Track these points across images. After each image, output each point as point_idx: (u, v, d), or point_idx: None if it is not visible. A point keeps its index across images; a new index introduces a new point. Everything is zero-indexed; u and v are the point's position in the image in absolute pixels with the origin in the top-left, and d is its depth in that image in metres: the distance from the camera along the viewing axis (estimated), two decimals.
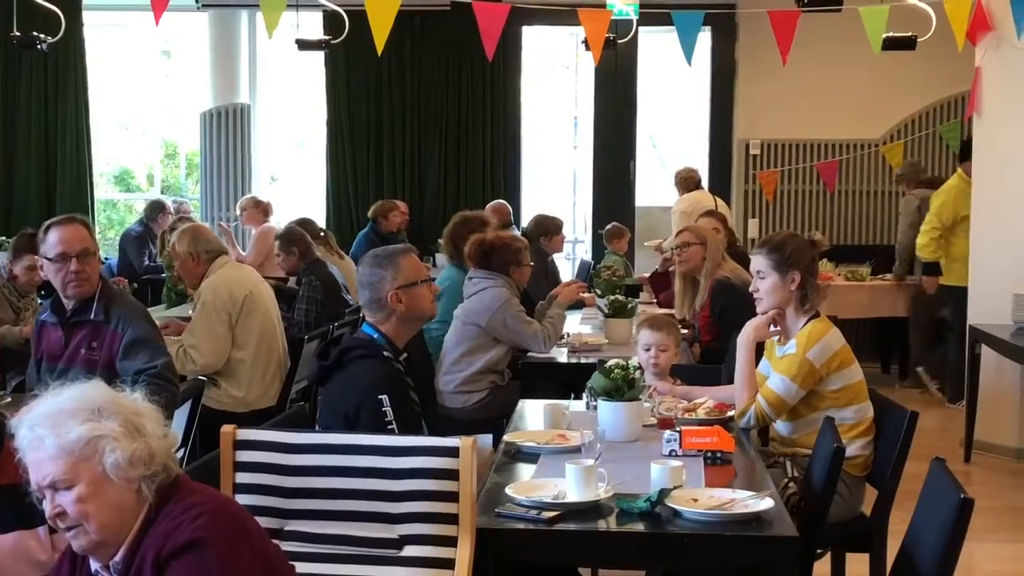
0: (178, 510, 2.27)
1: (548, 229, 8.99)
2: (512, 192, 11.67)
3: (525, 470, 3.63)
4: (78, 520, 2.27)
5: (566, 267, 12.08)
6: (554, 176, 13.14)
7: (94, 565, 2.36)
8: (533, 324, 5.91)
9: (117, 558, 2.30)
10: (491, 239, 6.07)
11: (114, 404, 2.33)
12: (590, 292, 8.37)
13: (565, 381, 5.52)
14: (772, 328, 4.31)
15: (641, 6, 8.40)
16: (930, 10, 8.09)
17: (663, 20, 8.11)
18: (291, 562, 2.56)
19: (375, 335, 3.83)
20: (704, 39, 11.06)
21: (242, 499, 2.93)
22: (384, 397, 3.55)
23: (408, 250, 4.01)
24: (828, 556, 4.17)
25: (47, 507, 2.30)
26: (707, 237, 6.58)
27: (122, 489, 2.28)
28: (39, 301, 6.79)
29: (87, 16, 11.89)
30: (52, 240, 4.46)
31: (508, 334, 5.87)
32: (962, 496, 2.80)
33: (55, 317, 4.57)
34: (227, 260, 5.95)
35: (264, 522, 2.83)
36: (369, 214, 10.61)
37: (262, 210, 10.36)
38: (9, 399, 4.52)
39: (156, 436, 2.33)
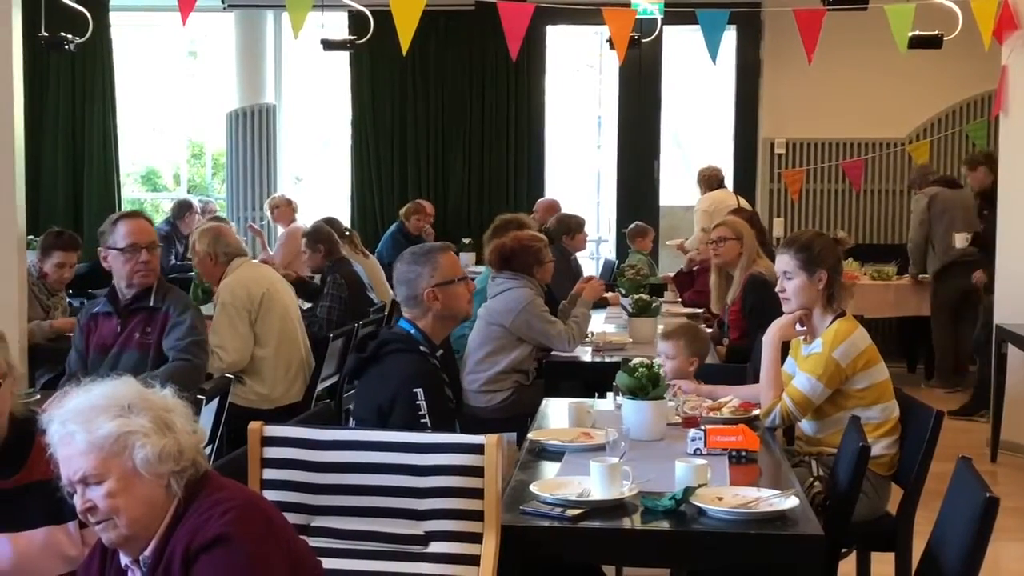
0: (207, 505, 2.29)
1: (570, 227, 8.98)
2: (536, 191, 11.67)
3: (550, 468, 3.64)
4: (108, 514, 2.30)
5: (590, 266, 12.07)
6: (578, 175, 13.14)
7: (124, 560, 2.39)
8: (557, 324, 5.91)
9: (147, 552, 2.33)
10: (510, 244, 6.08)
11: (144, 401, 2.36)
12: (614, 291, 8.37)
13: (589, 380, 5.53)
14: (798, 327, 4.30)
15: (666, 4, 8.37)
16: (956, 8, 8.06)
17: (688, 19, 8.10)
18: (318, 558, 2.57)
19: (412, 330, 3.85)
20: (729, 38, 11.04)
21: (269, 495, 2.96)
22: (419, 391, 3.58)
23: (447, 248, 4.03)
24: (853, 555, 4.16)
25: (78, 502, 2.33)
26: (743, 232, 6.54)
27: (151, 484, 2.30)
28: (67, 300, 6.83)
29: (114, 17, 11.95)
30: (123, 231, 4.67)
31: (532, 334, 5.88)
32: (988, 495, 2.79)
33: (110, 307, 4.72)
34: (244, 261, 5.98)
35: (291, 518, 2.85)
36: (401, 213, 10.63)
37: (292, 209, 10.42)
38: (38, 396, 4.55)
39: (185, 432, 2.36)
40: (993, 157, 8.48)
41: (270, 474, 3.06)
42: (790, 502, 3.12)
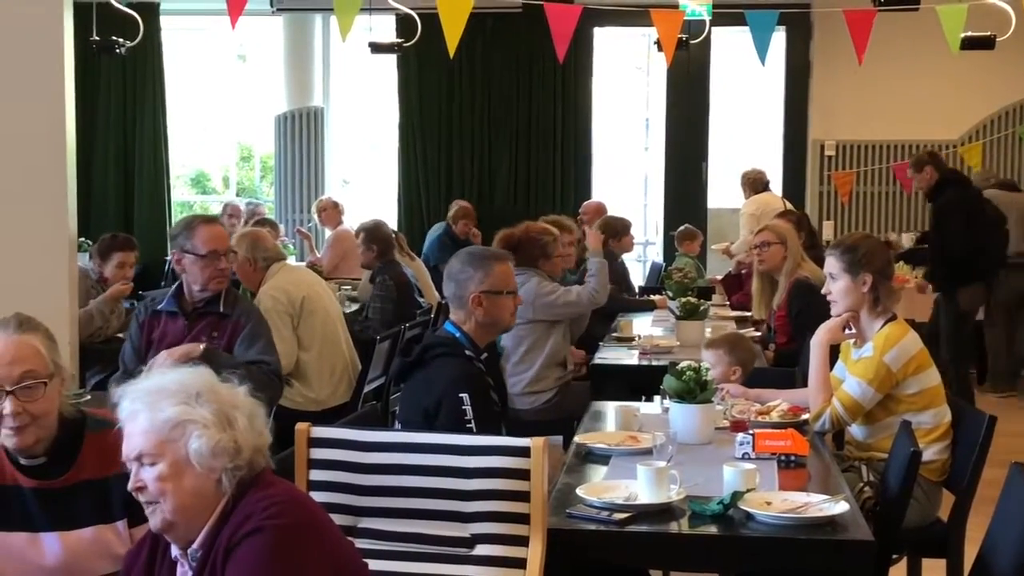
0: (253, 500, 2.30)
1: (617, 230, 8.94)
2: (583, 194, 11.65)
3: (596, 471, 3.62)
4: (156, 497, 2.32)
5: (637, 269, 12.04)
6: (625, 178, 13.10)
7: (174, 551, 2.40)
8: (572, 289, 6.00)
9: (195, 546, 2.34)
10: (519, 233, 6.07)
11: (212, 392, 2.37)
12: (661, 294, 8.34)
13: (635, 383, 5.50)
14: (846, 331, 4.26)
15: (714, 6, 8.36)
16: (1009, 9, 7.97)
17: (737, 20, 8.06)
18: (364, 559, 2.57)
19: (457, 334, 3.84)
20: (778, 39, 10.97)
21: (316, 496, 2.96)
22: (465, 395, 3.57)
23: (505, 258, 4.01)
24: (904, 561, 4.12)
25: (131, 479, 2.36)
26: (787, 236, 6.49)
27: (202, 476, 2.31)
28: (124, 304, 6.88)
29: (164, 21, 12.08)
30: (204, 237, 4.72)
31: (557, 312, 5.91)
32: None
33: (176, 307, 4.77)
34: (282, 265, 6.01)
35: (338, 519, 2.85)
36: (448, 216, 10.62)
37: (340, 211, 10.46)
38: (89, 396, 4.59)
39: (248, 431, 2.36)
40: (938, 156, 8.60)
41: (317, 475, 3.07)
42: (840, 507, 3.09)
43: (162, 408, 2.32)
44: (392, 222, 10.94)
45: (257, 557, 2.23)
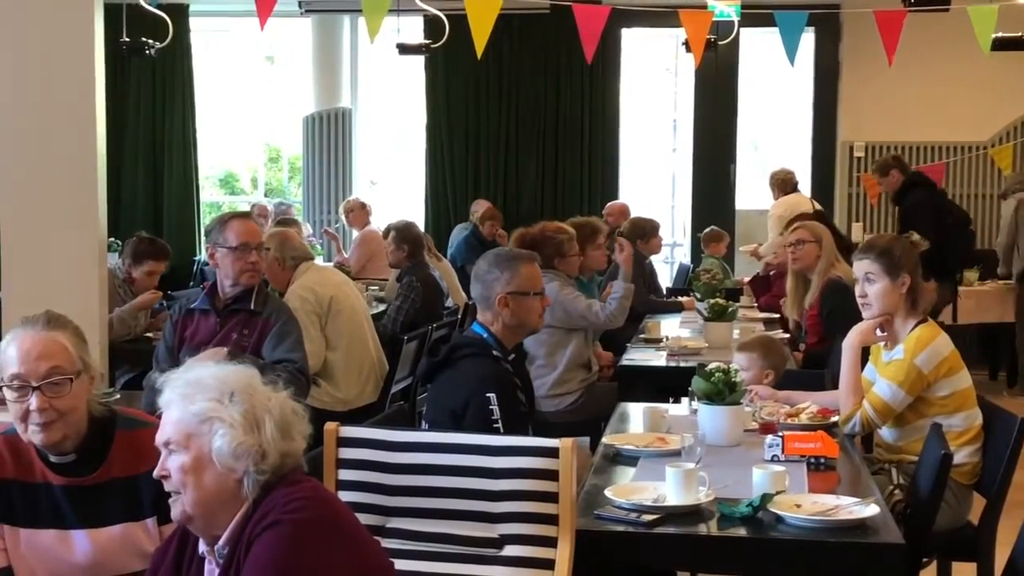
0: (276, 497, 2.30)
1: (645, 231, 8.92)
2: (610, 195, 11.63)
3: (624, 473, 3.61)
4: (177, 487, 2.34)
5: (665, 271, 12.01)
6: (652, 179, 13.07)
7: (201, 547, 2.41)
8: (593, 303, 5.95)
9: (221, 543, 2.35)
10: (534, 233, 6.04)
11: (247, 393, 2.37)
12: (689, 296, 8.31)
13: (662, 385, 5.48)
14: (878, 333, 4.23)
15: (743, 6, 8.32)
16: None
17: (765, 20, 8.03)
18: (392, 559, 2.57)
19: (484, 334, 3.84)
20: (807, 39, 10.92)
21: (345, 496, 2.97)
22: (492, 395, 3.57)
23: (532, 259, 4.01)
24: (934, 565, 4.09)
25: (159, 464, 2.38)
26: (822, 235, 6.44)
27: (222, 475, 2.31)
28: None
29: (194, 22, 12.13)
30: (236, 231, 4.76)
31: (572, 319, 5.88)
32: None
33: (209, 305, 4.81)
34: (311, 265, 6.02)
35: (366, 519, 2.86)
36: (475, 218, 10.61)
37: (367, 212, 10.48)
38: (118, 396, 4.62)
39: (276, 437, 2.34)
40: (902, 159, 9.01)
41: (345, 475, 3.07)
42: (870, 510, 3.07)
43: (195, 401, 2.33)
44: (419, 223, 10.94)
45: (273, 550, 2.23)
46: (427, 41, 10.03)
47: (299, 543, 2.24)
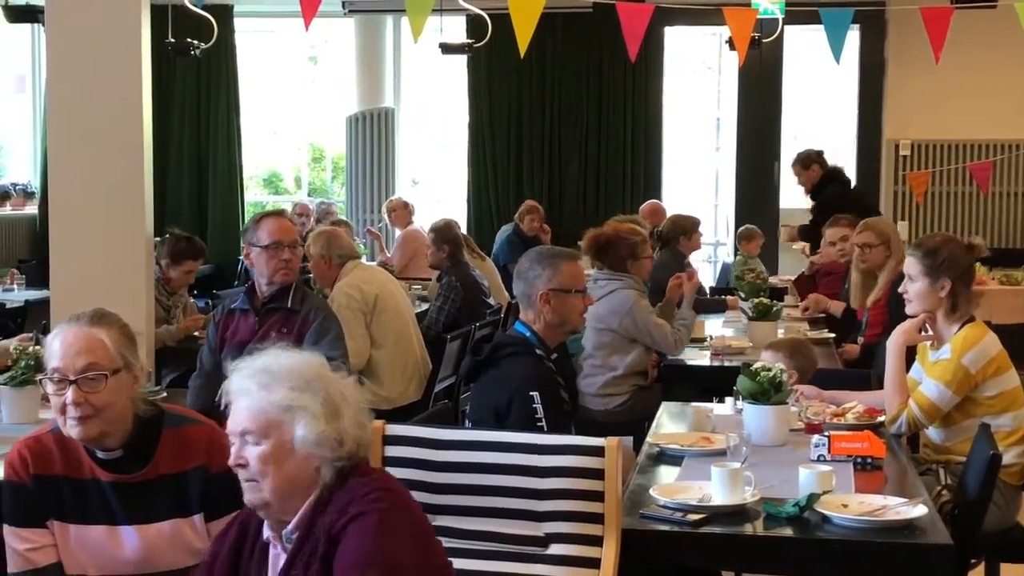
0: (354, 487, 2.33)
1: (686, 229, 8.84)
2: (653, 194, 11.59)
3: (669, 472, 3.61)
4: (256, 476, 2.35)
5: (707, 269, 11.96)
6: (696, 177, 13.02)
7: (266, 532, 2.43)
8: (664, 326, 5.75)
9: (290, 528, 2.37)
10: (608, 233, 5.95)
11: (323, 381, 2.39)
12: (733, 295, 8.26)
13: (706, 384, 5.44)
14: (923, 333, 4.19)
15: (787, 4, 8.27)
16: None
17: (810, 18, 7.98)
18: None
19: (527, 333, 3.84)
20: (852, 37, 10.81)
21: None
22: (535, 394, 3.57)
23: (573, 256, 4.00)
24: (982, 566, 4.05)
25: (233, 452, 2.39)
26: (890, 235, 6.37)
27: (302, 463, 2.34)
28: (187, 298, 6.93)
29: (238, 23, 12.22)
30: (268, 229, 4.79)
31: (640, 336, 5.77)
32: None
33: (248, 304, 4.85)
34: (357, 263, 6.05)
35: None
36: (516, 215, 10.60)
37: (409, 211, 10.50)
38: (164, 394, 4.66)
39: (351, 424, 2.38)
40: (823, 155, 9.19)
41: (391, 472, 3.07)
42: (918, 511, 3.05)
43: (274, 390, 2.35)
44: (462, 222, 10.95)
45: (367, 537, 2.26)
46: (470, 40, 10.04)
47: (388, 529, 2.27)
